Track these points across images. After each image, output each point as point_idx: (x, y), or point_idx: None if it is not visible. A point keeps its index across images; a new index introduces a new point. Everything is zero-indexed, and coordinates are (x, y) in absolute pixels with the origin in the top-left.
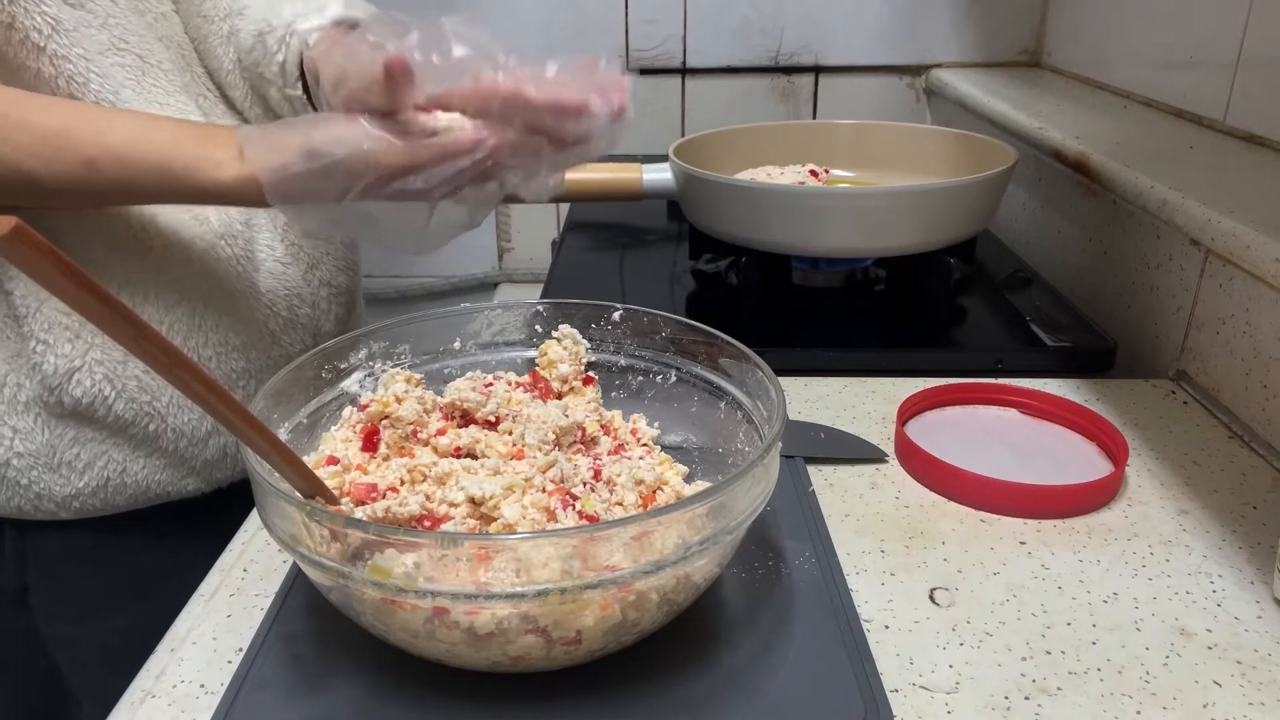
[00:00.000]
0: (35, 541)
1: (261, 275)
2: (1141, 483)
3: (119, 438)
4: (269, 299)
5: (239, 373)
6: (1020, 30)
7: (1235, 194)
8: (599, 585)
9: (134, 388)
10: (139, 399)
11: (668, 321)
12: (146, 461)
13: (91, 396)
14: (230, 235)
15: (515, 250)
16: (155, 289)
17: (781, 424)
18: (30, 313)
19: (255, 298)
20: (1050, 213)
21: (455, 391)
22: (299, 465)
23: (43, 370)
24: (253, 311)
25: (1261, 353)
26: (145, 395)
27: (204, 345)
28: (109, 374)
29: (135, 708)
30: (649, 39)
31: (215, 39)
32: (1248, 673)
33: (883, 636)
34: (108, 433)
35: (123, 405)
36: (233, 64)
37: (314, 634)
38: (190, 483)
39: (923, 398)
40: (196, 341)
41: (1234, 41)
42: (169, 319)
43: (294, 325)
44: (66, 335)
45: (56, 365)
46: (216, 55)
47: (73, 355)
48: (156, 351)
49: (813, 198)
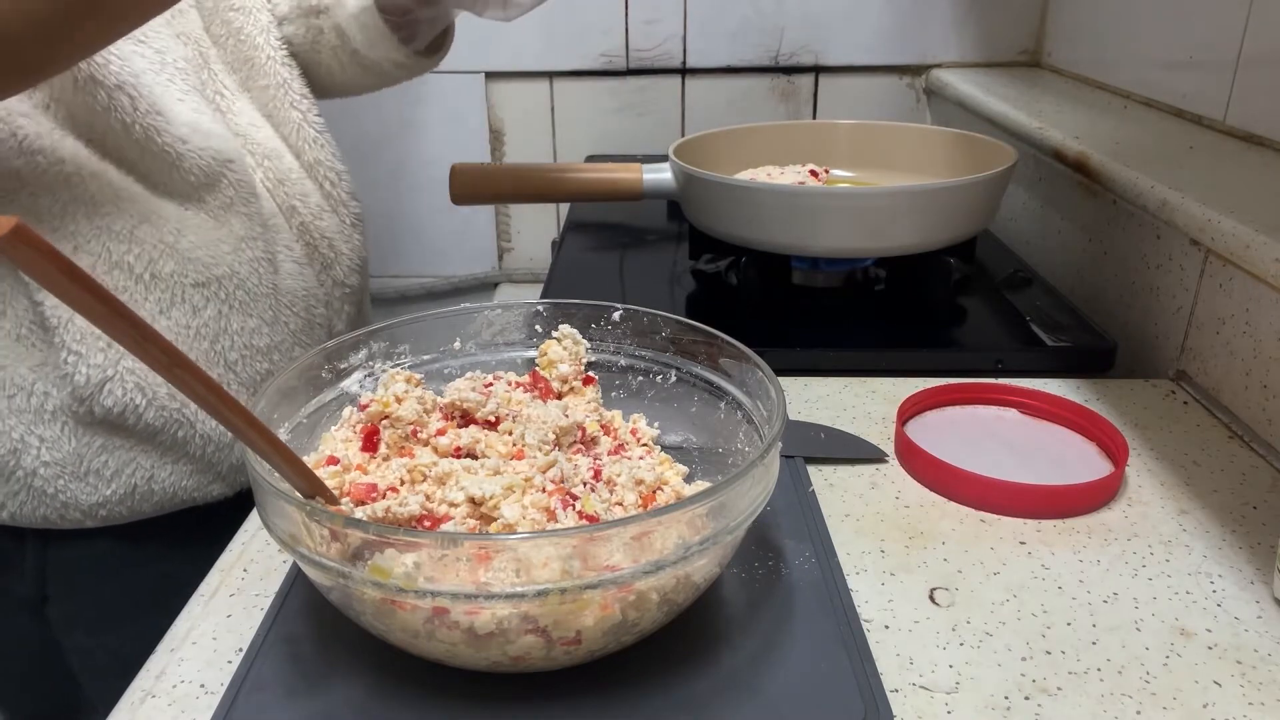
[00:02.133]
0: (58, 552)
1: (281, 276)
2: (1141, 483)
3: (148, 445)
4: (288, 300)
5: (261, 375)
6: (1020, 30)
7: (1235, 194)
8: (599, 585)
9: (164, 395)
10: (169, 406)
11: (668, 321)
12: (174, 468)
13: (123, 406)
14: (251, 238)
15: (515, 250)
16: (183, 292)
17: (781, 424)
18: (62, 323)
19: (276, 299)
20: (1050, 213)
21: (455, 391)
22: (299, 465)
23: (74, 381)
24: (275, 313)
25: (1261, 353)
26: (175, 402)
27: (230, 349)
28: (140, 383)
29: (135, 708)
30: (649, 39)
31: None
32: (1248, 673)
33: (883, 636)
34: (136, 440)
35: (153, 413)
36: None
37: (314, 634)
38: (216, 488)
39: (923, 398)
40: (223, 345)
41: (1234, 41)
42: (196, 323)
43: (311, 326)
44: (99, 345)
45: (89, 375)
46: (256, 44)
47: (105, 365)
48: (157, 352)
49: (813, 198)
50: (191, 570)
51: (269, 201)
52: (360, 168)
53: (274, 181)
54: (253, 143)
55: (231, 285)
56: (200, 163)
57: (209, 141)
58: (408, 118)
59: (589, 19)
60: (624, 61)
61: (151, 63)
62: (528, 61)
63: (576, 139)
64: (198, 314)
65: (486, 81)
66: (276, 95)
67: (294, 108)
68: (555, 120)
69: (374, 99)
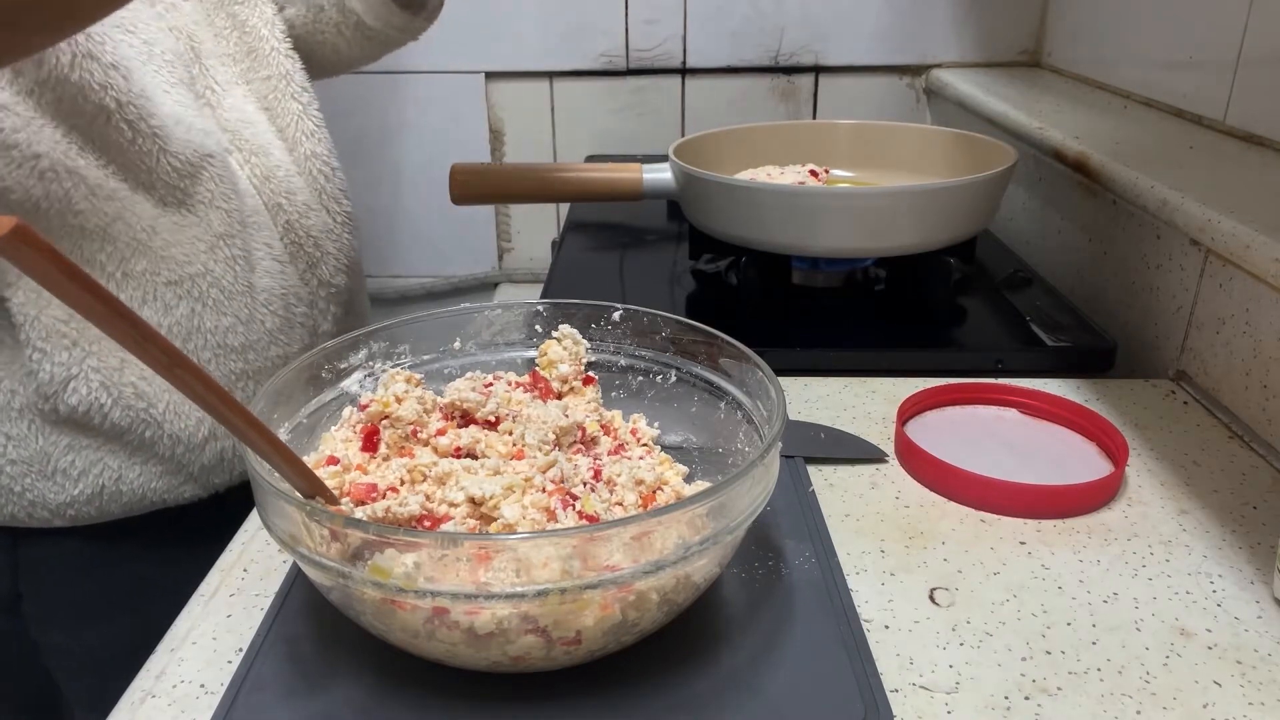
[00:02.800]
0: (28, 550)
1: (258, 275)
2: (1141, 483)
3: (114, 445)
4: (265, 298)
5: (237, 374)
6: (1020, 30)
7: (1235, 194)
8: (599, 585)
9: (130, 395)
10: (135, 406)
11: (668, 321)
12: (143, 469)
13: (87, 404)
14: (229, 235)
15: (515, 250)
16: (155, 290)
17: (781, 424)
18: (28, 320)
19: (252, 297)
20: (1050, 213)
21: (455, 391)
22: (299, 465)
23: (38, 378)
24: (251, 312)
25: (1261, 353)
26: (141, 402)
27: (203, 348)
28: (105, 381)
29: (135, 708)
30: (649, 39)
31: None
32: (1248, 673)
33: (883, 636)
34: (103, 440)
35: (119, 413)
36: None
37: (314, 634)
38: (188, 489)
39: (923, 398)
40: (195, 344)
41: (1234, 41)
42: (168, 320)
43: (291, 325)
44: (64, 343)
45: (53, 373)
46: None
47: (69, 363)
48: (156, 352)
49: (813, 198)
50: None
51: (253, 198)
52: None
53: (260, 178)
54: (241, 139)
55: (205, 283)
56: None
57: (189, 135)
58: (408, 118)
59: (589, 19)
60: (624, 61)
61: (139, 52)
62: (528, 61)
63: (576, 139)
64: (169, 312)
65: (486, 81)
66: (278, 86)
67: (295, 99)
68: (555, 120)
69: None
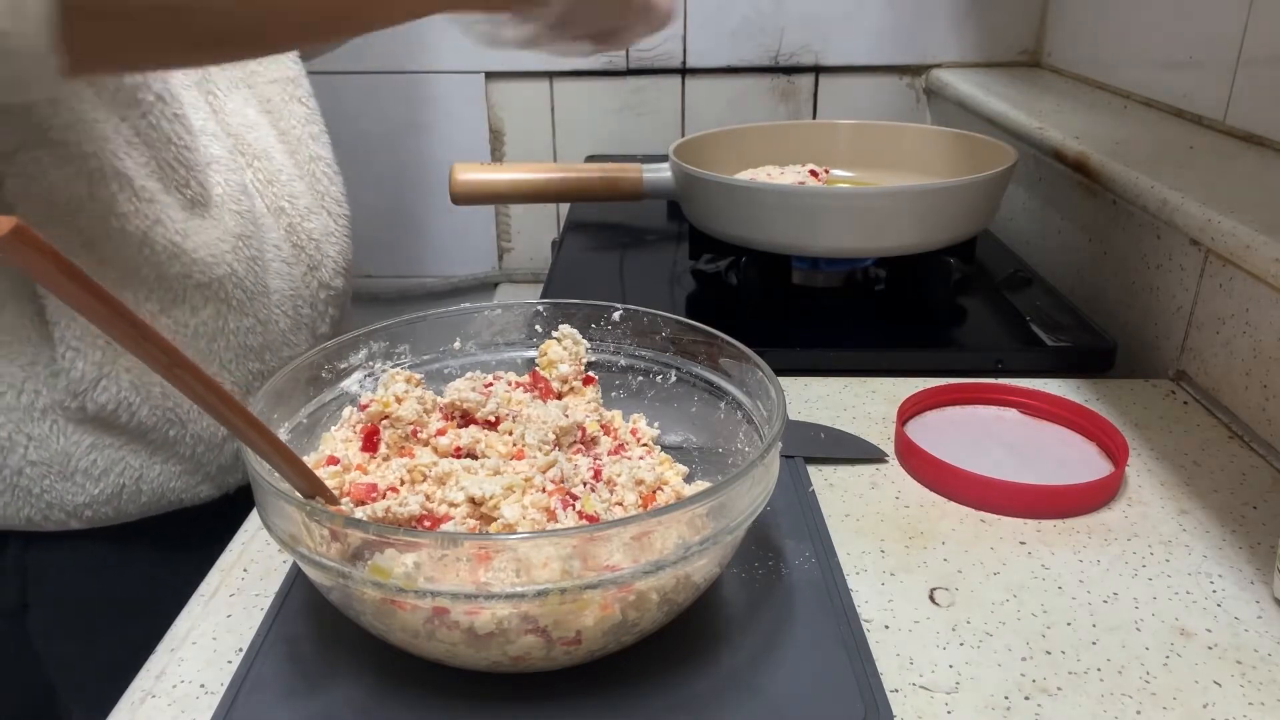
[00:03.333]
0: (39, 555)
1: (270, 275)
2: (1141, 483)
3: (138, 444)
4: (278, 299)
5: (254, 374)
6: (1020, 30)
7: (1235, 194)
8: (599, 585)
9: (158, 394)
10: (163, 405)
11: (668, 321)
12: (163, 468)
13: (116, 402)
14: (246, 236)
15: (515, 250)
16: (185, 292)
17: (781, 424)
18: (64, 319)
19: (268, 298)
20: (1050, 213)
21: (455, 391)
22: (299, 465)
23: (69, 376)
24: (268, 312)
25: (1261, 353)
26: (169, 401)
27: (225, 349)
28: (135, 381)
29: (135, 708)
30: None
31: None
32: (1248, 673)
33: (883, 636)
34: (127, 439)
35: (147, 411)
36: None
37: (314, 634)
38: (204, 489)
39: (923, 398)
40: (220, 345)
41: (1234, 41)
42: (195, 321)
43: (299, 326)
44: (99, 343)
45: (85, 371)
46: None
47: (102, 362)
48: (156, 351)
49: (813, 198)
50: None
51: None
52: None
53: (263, 182)
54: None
55: (230, 285)
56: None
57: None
58: (408, 118)
59: None
60: (624, 61)
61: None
62: (528, 61)
63: (576, 139)
64: (196, 313)
65: (486, 81)
66: (285, 90)
67: (301, 103)
68: (555, 120)
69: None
